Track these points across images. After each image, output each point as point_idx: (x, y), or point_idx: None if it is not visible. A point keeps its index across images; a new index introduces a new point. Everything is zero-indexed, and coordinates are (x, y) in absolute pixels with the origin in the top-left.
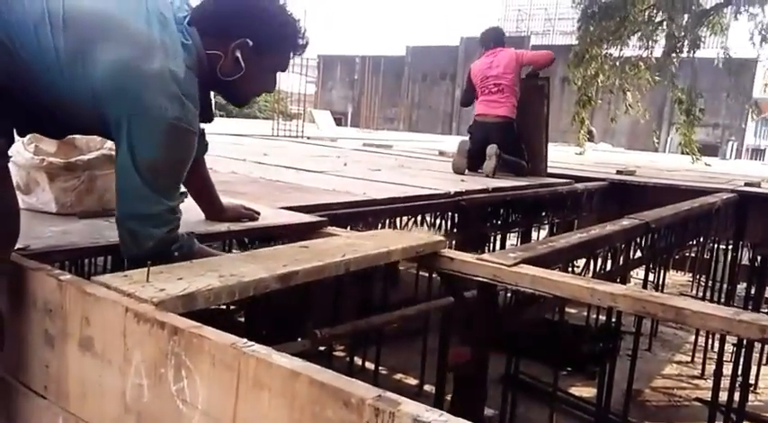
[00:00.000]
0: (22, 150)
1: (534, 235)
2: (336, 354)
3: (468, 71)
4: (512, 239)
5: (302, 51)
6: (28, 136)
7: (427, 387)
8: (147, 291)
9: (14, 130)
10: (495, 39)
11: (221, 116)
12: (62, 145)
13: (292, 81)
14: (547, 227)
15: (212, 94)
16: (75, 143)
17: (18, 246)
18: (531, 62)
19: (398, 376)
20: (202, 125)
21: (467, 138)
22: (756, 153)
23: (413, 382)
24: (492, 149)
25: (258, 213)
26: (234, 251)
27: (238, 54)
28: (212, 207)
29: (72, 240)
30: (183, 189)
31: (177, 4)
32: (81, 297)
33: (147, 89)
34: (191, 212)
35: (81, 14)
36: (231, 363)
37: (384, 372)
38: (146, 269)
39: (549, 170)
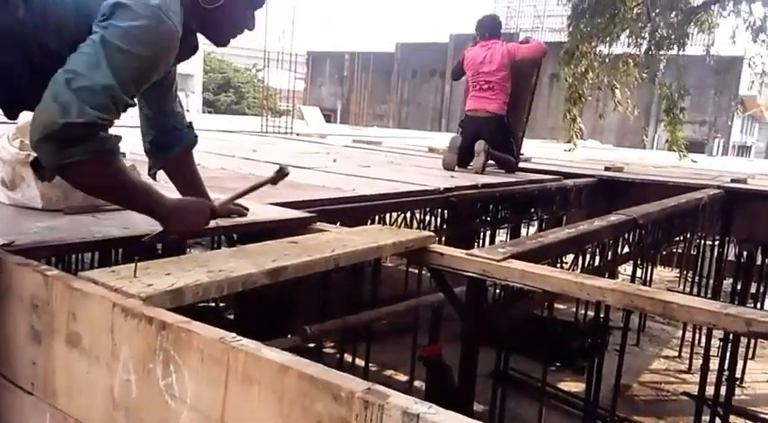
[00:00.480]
0: (7, 146)
1: (524, 231)
2: (326, 350)
3: (461, 56)
4: (501, 236)
5: None
6: (13, 131)
7: (417, 383)
8: (134, 286)
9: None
10: (491, 29)
11: (210, 113)
12: None
13: (281, 78)
14: (536, 223)
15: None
16: None
17: (3, 241)
18: (525, 59)
19: (389, 373)
20: (190, 118)
21: (458, 134)
22: (742, 149)
23: (403, 378)
24: (480, 146)
25: (247, 209)
26: (223, 247)
27: None
28: None
29: (58, 236)
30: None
31: None
32: (68, 293)
33: None
34: None
35: None
36: (220, 357)
37: (374, 368)
38: (133, 264)
39: (538, 167)
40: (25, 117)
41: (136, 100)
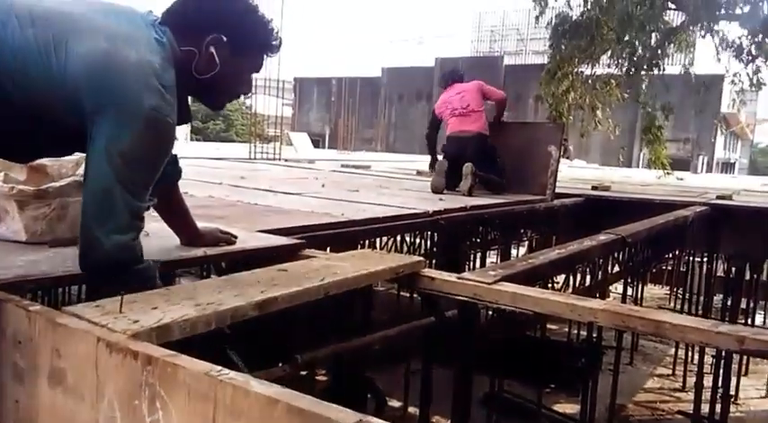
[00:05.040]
0: None
1: (514, 252)
2: (320, 378)
3: (432, 110)
4: (492, 257)
5: (275, 51)
6: None
7: (411, 409)
8: (120, 323)
9: None
10: (453, 76)
11: (198, 140)
12: (32, 173)
13: (269, 104)
14: (526, 244)
15: (189, 100)
16: (46, 170)
17: None
18: (490, 94)
19: None
20: (175, 151)
21: (442, 158)
22: (726, 166)
23: (397, 404)
24: (468, 168)
25: (235, 237)
26: (212, 276)
27: (213, 50)
28: (188, 232)
29: (42, 269)
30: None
31: (143, 12)
32: (51, 328)
33: (124, 79)
34: (166, 238)
35: (49, 13)
36: (207, 392)
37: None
38: (119, 298)
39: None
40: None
41: None
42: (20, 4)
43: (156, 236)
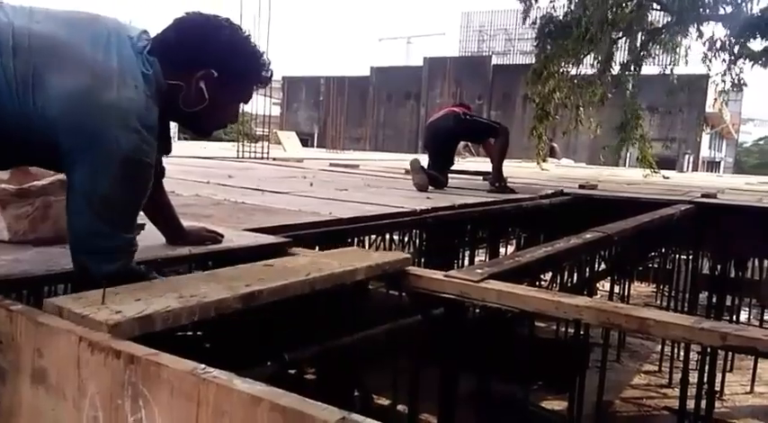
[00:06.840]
0: None
1: (502, 250)
2: (309, 376)
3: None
4: (481, 255)
5: (266, 84)
6: None
7: (400, 407)
8: (101, 313)
9: None
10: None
11: (185, 139)
12: (15, 171)
13: (257, 103)
14: (514, 242)
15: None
16: (28, 169)
17: None
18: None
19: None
20: None
21: (416, 156)
22: (711, 165)
23: (385, 402)
24: (413, 164)
25: (221, 236)
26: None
27: (202, 85)
28: (173, 231)
29: (24, 269)
30: (140, 220)
31: (136, 34)
32: (33, 328)
33: (103, 121)
34: (152, 237)
35: (32, 40)
36: (190, 391)
37: (356, 393)
38: (101, 290)
39: (512, 185)
40: None
41: None
42: (3, 28)
43: (141, 234)
